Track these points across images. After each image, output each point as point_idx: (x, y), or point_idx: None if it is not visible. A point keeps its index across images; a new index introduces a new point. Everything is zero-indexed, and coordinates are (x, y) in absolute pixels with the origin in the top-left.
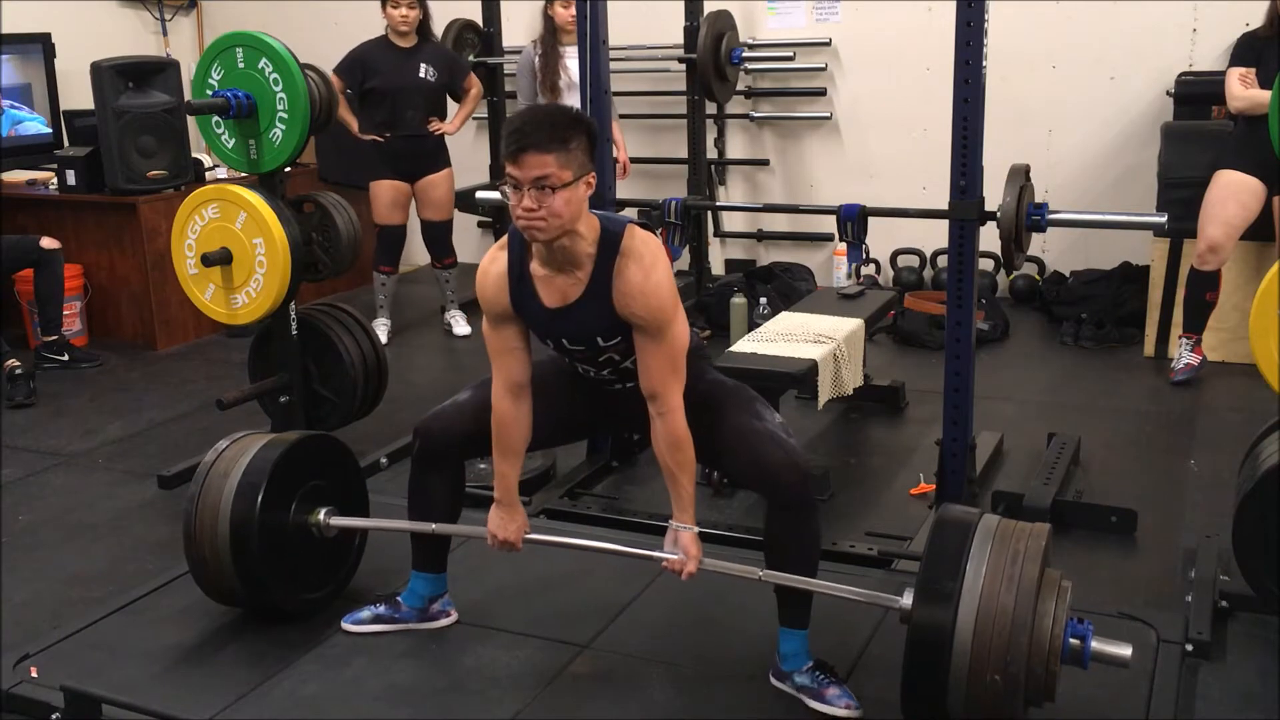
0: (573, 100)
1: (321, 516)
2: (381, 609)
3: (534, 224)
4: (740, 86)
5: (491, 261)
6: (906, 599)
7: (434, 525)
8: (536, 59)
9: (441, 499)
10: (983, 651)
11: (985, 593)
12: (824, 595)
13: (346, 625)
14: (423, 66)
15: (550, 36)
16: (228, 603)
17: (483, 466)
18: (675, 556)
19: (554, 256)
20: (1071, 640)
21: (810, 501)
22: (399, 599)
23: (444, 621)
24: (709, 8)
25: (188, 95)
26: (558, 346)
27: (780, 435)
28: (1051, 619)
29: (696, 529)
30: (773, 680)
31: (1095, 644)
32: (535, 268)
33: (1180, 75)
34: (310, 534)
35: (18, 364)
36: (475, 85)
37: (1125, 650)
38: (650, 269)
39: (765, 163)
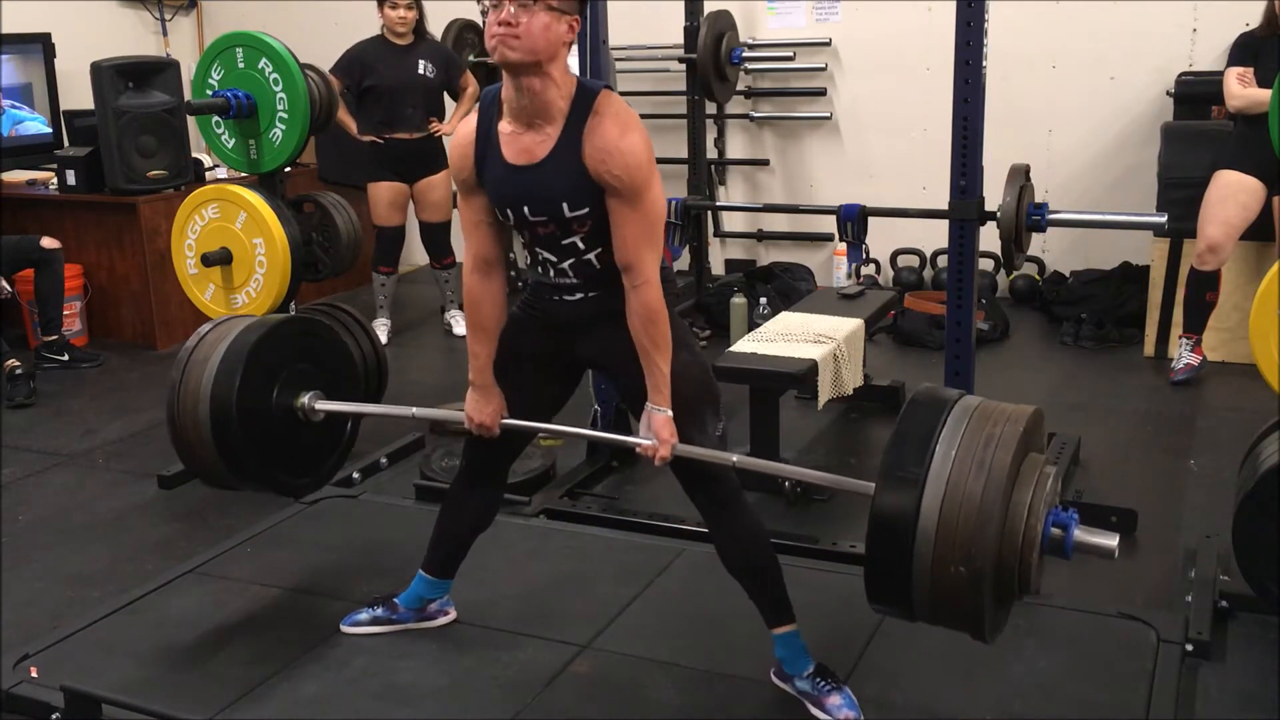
0: None
1: (306, 400)
2: (379, 611)
3: (507, 40)
4: (740, 86)
5: (464, 125)
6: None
7: (414, 410)
8: None
9: (476, 511)
10: (948, 541)
11: (952, 480)
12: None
13: (345, 628)
14: (421, 63)
15: None
16: (220, 486)
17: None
18: (649, 442)
19: (524, 107)
20: (1053, 529)
21: (735, 497)
22: (395, 600)
23: (442, 620)
24: (709, 8)
25: (188, 95)
26: (519, 220)
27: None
28: (1027, 508)
29: (670, 412)
30: (774, 680)
31: (1078, 534)
32: (503, 126)
33: (1180, 75)
34: (296, 418)
35: (18, 364)
36: (471, 84)
37: (1111, 540)
38: (626, 128)
39: (765, 163)
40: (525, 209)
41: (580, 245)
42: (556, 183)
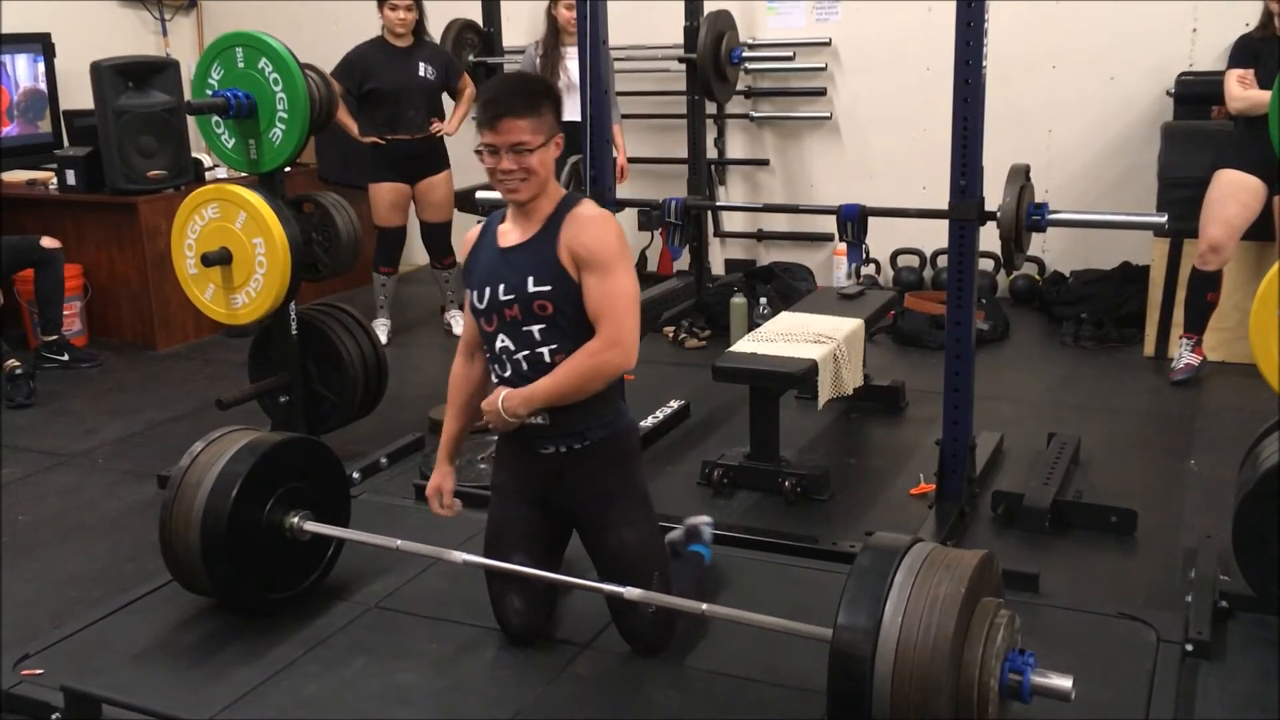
0: (573, 102)
1: (296, 520)
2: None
3: (514, 184)
4: (740, 86)
5: (471, 231)
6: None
7: (399, 542)
8: (537, 59)
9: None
10: (902, 711)
11: (899, 655)
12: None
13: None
14: (422, 65)
15: (552, 37)
16: (201, 594)
17: (483, 466)
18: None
19: (521, 214)
20: (1011, 675)
21: (664, 642)
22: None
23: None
24: (709, 8)
25: (188, 95)
26: (491, 304)
27: (649, 632)
28: (979, 666)
29: (515, 396)
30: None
31: (1035, 679)
32: (503, 226)
33: (1180, 75)
34: (284, 536)
35: (18, 364)
36: (469, 85)
37: (1066, 682)
38: (600, 217)
39: (765, 163)
40: (501, 287)
41: (537, 336)
42: (531, 259)
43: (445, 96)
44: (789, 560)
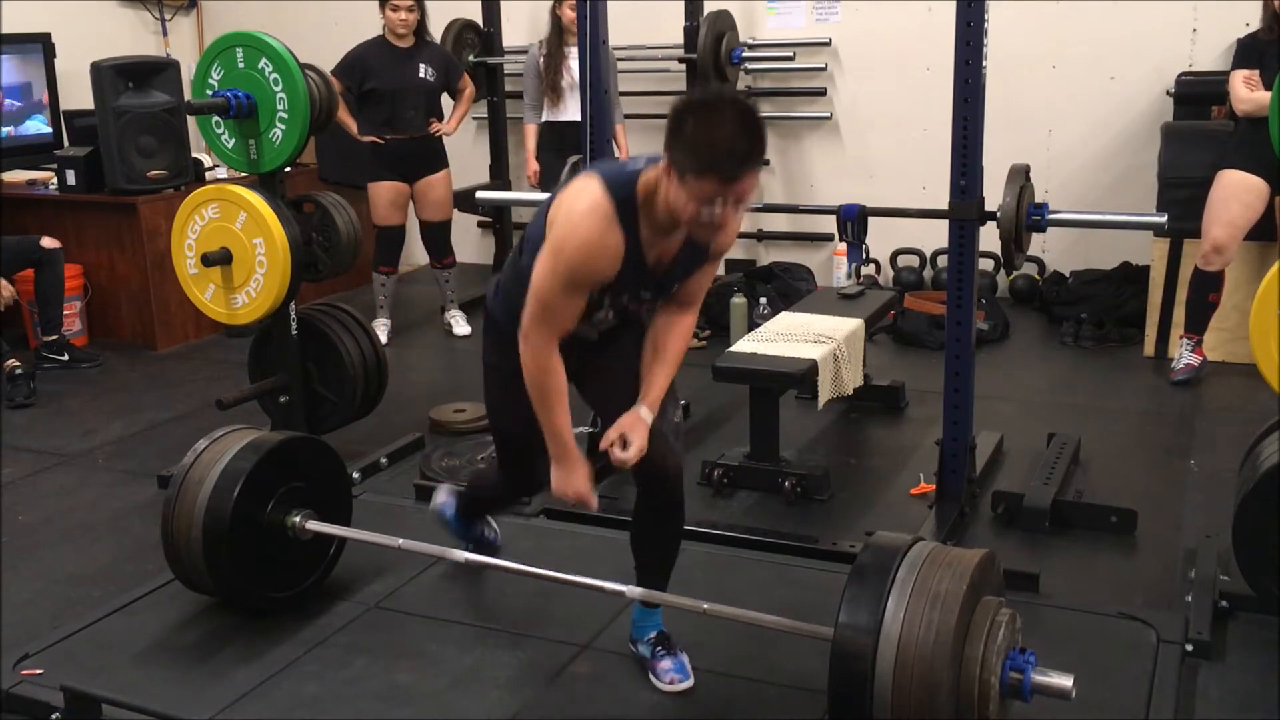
0: (574, 100)
1: (298, 519)
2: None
3: (715, 233)
4: (740, 86)
5: (605, 234)
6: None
7: (399, 541)
8: (541, 59)
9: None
10: (904, 708)
11: (902, 646)
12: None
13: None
14: (422, 66)
15: (556, 36)
16: (208, 594)
17: (482, 461)
18: (627, 453)
19: (667, 224)
20: (1012, 674)
21: (682, 503)
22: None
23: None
24: (709, 8)
25: (188, 95)
26: (632, 298)
27: (672, 439)
28: (979, 664)
29: (650, 418)
30: (629, 645)
31: (1035, 677)
32: (645, 234)
33: (1180, 75)
34: (286, 535)
35: (18, 364)
36: (469, 85)
37: (1066, 681)
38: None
39: (765, 163)
40: (641, 292)
41: (655, 306)
42: (682, 266)
43: (445, 97)
44: (789, 560)
